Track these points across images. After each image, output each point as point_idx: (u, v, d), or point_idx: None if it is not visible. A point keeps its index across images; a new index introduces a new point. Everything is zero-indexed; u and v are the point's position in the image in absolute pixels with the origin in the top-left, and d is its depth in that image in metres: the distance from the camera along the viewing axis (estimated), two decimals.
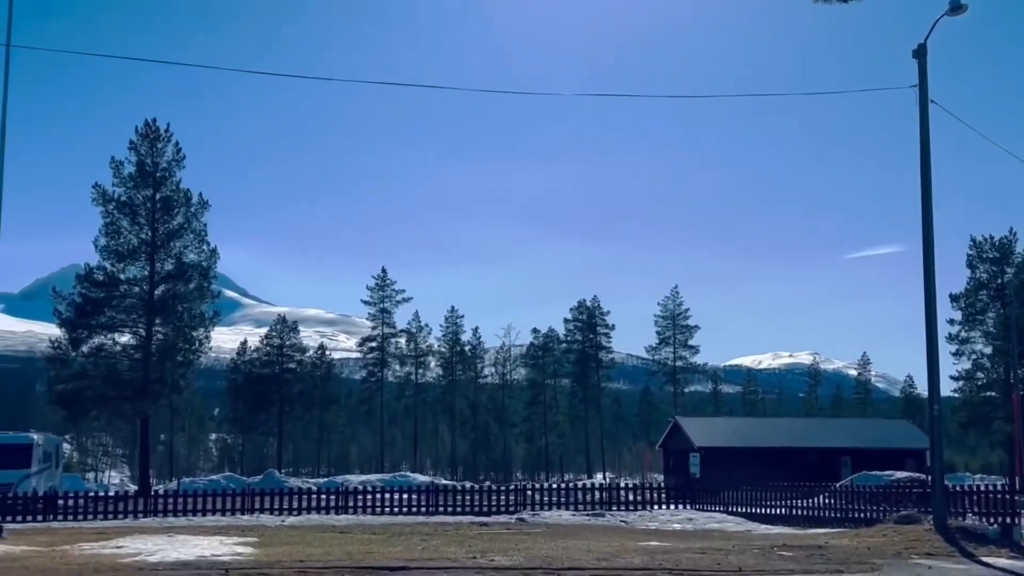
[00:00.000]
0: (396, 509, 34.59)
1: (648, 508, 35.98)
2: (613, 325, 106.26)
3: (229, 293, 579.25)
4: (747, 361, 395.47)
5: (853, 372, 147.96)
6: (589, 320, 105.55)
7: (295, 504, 34.26)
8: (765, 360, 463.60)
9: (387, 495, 35.88)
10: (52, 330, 57.77)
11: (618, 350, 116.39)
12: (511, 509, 35.00)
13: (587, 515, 32.74)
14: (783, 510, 31.98)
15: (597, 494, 37.39)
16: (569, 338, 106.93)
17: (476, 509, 34.70)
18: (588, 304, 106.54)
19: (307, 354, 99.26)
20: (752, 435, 61.11)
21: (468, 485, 42.86)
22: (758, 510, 32.93)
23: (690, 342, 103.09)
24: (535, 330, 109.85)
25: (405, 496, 35.97)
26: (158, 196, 53.57)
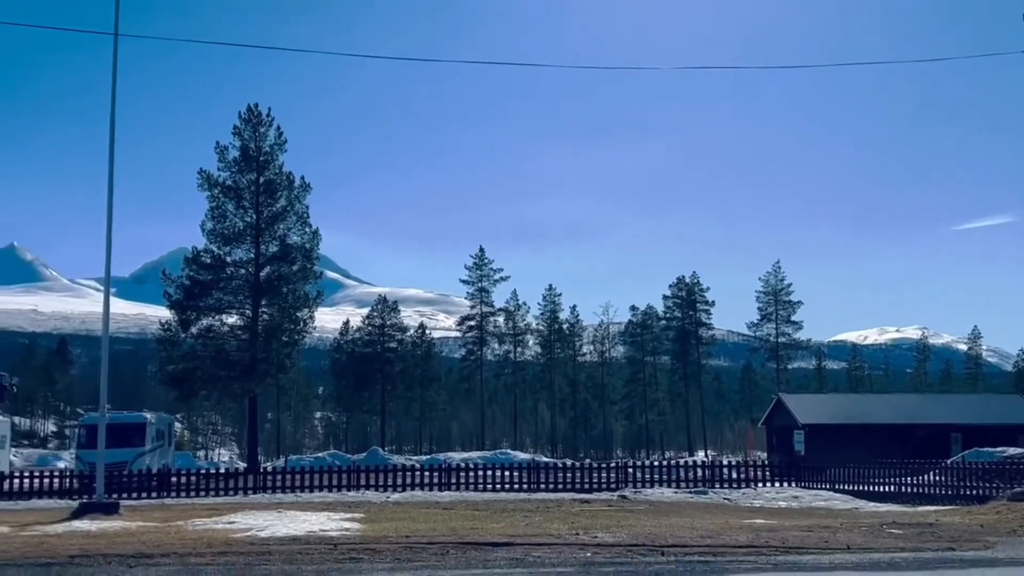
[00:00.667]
0: (498, 486, 34.82)
1: (751, 486, 35.58)
2: (713, 301, 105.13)
3: (331, 274, 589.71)
4: (852, 337, 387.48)
5: (963, 347, 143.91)
6: (688, 297, 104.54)
7: (399, 481, 34.76)
8: (871, 335, 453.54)
9: (488, 472, 36.16)
10: (162, 312, 59.47)
11: (718, 327, 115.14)
12: (612, 486, 34.97)
13: (689, 493, 32.52)
14: (892, 488, 31.30)
15: (699, 472, 37.11)
16: (668, 315, 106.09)
17: (577, 486, 34.75)
18: (687, 280, 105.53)
19: (408, 333, 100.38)
20: (858, 412, 59.88)
21: (569, 462, 42.97)
22: (866, 488, 32.29)
23: (793, 318, 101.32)
24: (633, 307, 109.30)
25: (506, 473, 36.20)
26: (261, 180, 54.57)
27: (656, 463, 39.35)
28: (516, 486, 34.90)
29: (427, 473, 36.27)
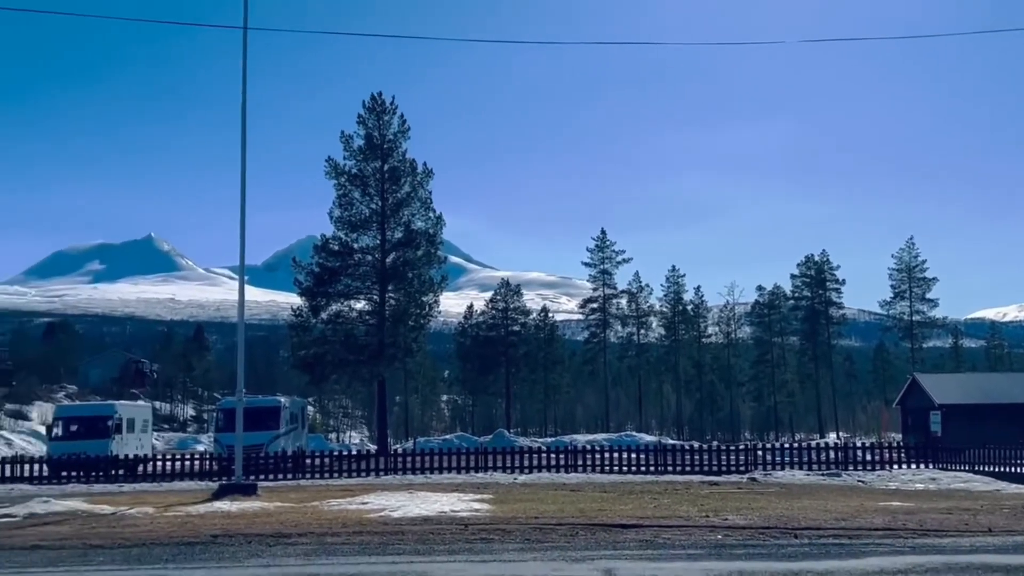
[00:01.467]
0: (624, 468, 34.75)
1: (886, 468, 34.68)
2: (843, 280, 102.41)
3: (454, 259, 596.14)
4: (990, 314, 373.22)
5: None
6: (817, 275, 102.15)
7: (526, 462, 35.00)
8: (1010, 312, 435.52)
9: (614, 454, 36.12)
10: (293, 299, 61.06)
11: (849, 306, 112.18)
12: (741, 469, 34.53)
13: (821, 475, 31.87)
14: None
15: (831, 454, 36.35)
16: (796, 294, 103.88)
17: (705, 468, 34.44)
18: (816, 259, 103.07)
19: (530, 317, 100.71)
20: (998, 391, 57.62)
21: (696, 445, 42.57)
22: (1008, 469, 31.11)
23: (927, 295, 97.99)
24: (760, 287, 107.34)
25: (632, 455, 36.09)
26: (386, 167, 55.45)
27: (786, 445, 38.66)
28: (642, 468, 34.77)
29: (553, 455, 36.39)
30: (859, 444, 39.00)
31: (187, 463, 35.92)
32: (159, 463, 36.11)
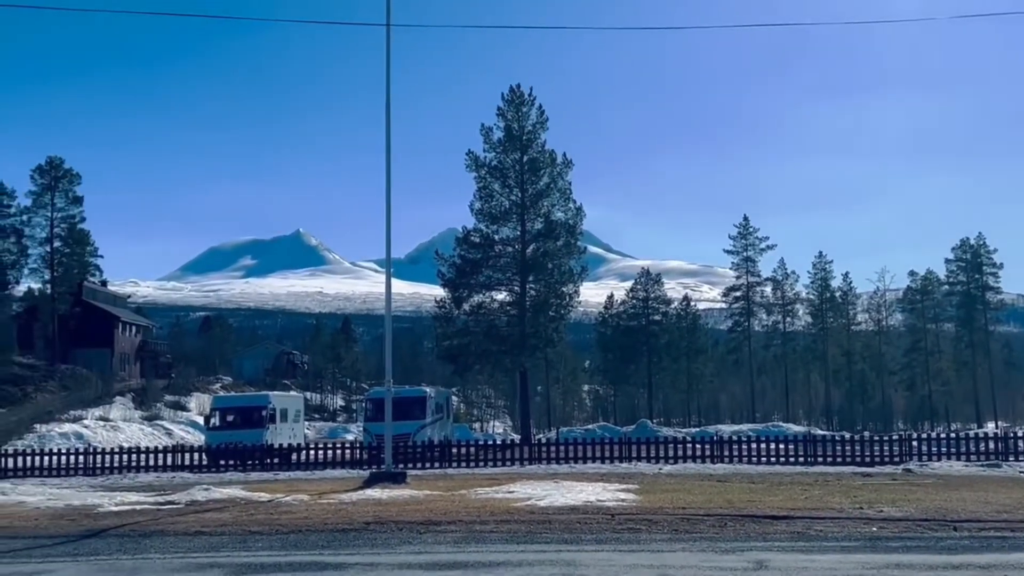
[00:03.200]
0: (772, 459, 34.10)
1: None
2: (1001, 264, 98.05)
3: (593, 249, 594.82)
4: None
5: None
6: (974, 259, 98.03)
7: (670, 453, 34.73)
8: None
9: (762, 444, 35.50)
10: (436, 291, 61.97)
11: (1008, 291, 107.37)
12: (895, 460, 33.47)
13: (981, 466, 30.62)
14: None
15: (991, 443, 34.91)
16: (951, 279, 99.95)
17: (856, 459, 33.53)
18: (972, 242, 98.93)
19: (671, 306, 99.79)
20: None
21: (846, 435, 41.51)
22: None
23: None
24: (912, 272, 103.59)
25: (780, 446, 35.38)
26: (525, 159, 55.65)
27: (942, 435, 37.29)
28: (791, 459, 34.05)
29: (698, 445, 36.01)
30: (1020, 433, 37.29)
31: (338, 452, 36.89)
32: (311, 452, 37.16)
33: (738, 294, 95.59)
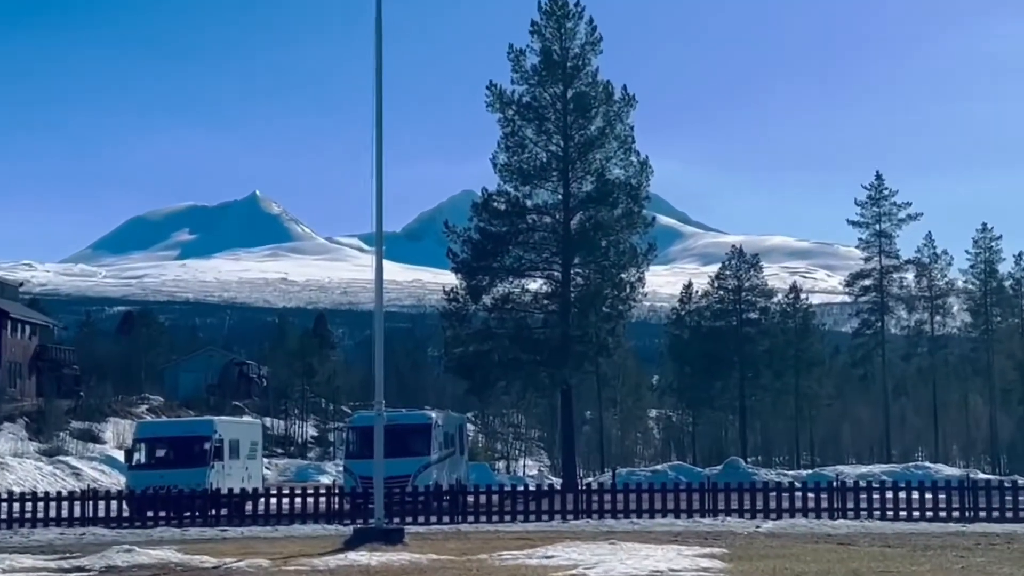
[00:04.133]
0: (914, 513, 33.93)
1: None
2: None
3: (665, 220, 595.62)
4: None
5: None
6: None
7: (771, 504, 34.58)
8: None
9: (901, 493, 35.30)
10: (445, 277, 62.06)
11: None
12: None
13: None
14: None
15: None
16: None
17: None
18: None
19: (774, 299, 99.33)
20: None
21: (1020, 480, 41.17)
22: None
23: None
24: None
25: (926, 495, 35.22)
26: (569, 93, 55.53)
27: None
28: (942, 514, 33.83)
29: (810, 494, 35.84)
30: None
31: (309, 500, 36.95)
32: (272, 500, 37.25)
33: (867, 283, 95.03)
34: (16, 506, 36.09)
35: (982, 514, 33.74)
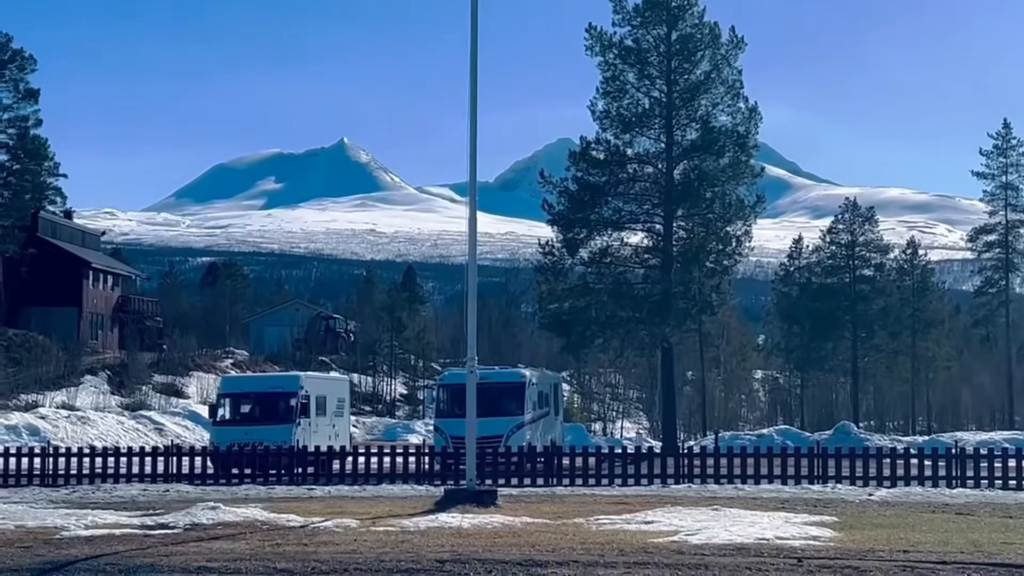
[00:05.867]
0: None
1: None
2: None
3: (774, 171, 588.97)
4: None
5: None
6: None
7: (885, 471, 34.37)
8: None
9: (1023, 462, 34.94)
10: (540, 230, 62.09)
11: None
12: None
13: None
14: None
15: None
16: None
17: None
18: None
19: (890, 255, 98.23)
20: None
21: None
22: None
23: None
24: None
25: None
26: (674, 35, 55.25)
27: None
28: None
29: (927, 461, 35.56)
30: None
31: (398, 459, 37.28)
32: (360, 458, 37.59)
33: (991, 238, 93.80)
34: (99, 461, 36.83)
35: None
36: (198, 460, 37.49)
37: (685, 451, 41.22)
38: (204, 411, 56.55)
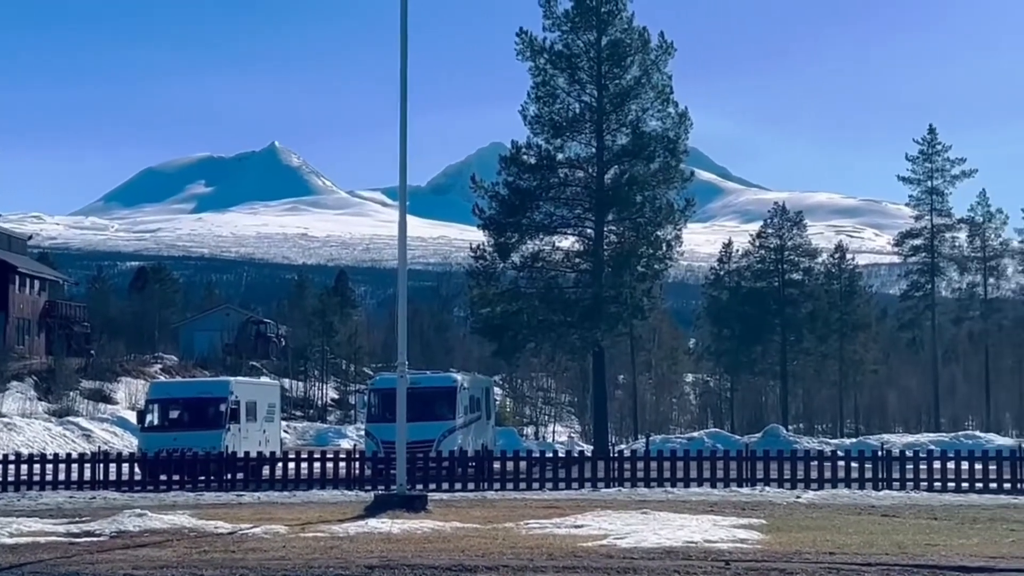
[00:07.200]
0: (963, 484, 34.01)
1: None
2: None
3: (705, 175, 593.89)
4: None
5: None
6: None
7: (813, 474, 34.72)
8: None
9: (949, 464, 35.36)
10: (472, 234, 62.07)
11: None
12: None
13: None
14: None
15: None
16: None
17: None
18: None
19: (819, 260, 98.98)
20: None
21: None
22: None
23: None
24: None
25: (976, 466, 35.23)
26: (604, 41, 55.32)
27: None
28: (992, 485, 33.88)
29: (854, 464, 35.93)
30: None
31: (328, 465, 37.17)
32: (291, 464, 37.51)
33: (918, 242, 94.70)
34: (24, 468, 36.47)
35: None
36: (126, 467, 37.26)
37: (616, 454, 41.42)
38: (133, 417, 56.08)
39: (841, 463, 36.21)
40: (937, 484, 34.03)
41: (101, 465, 37.02)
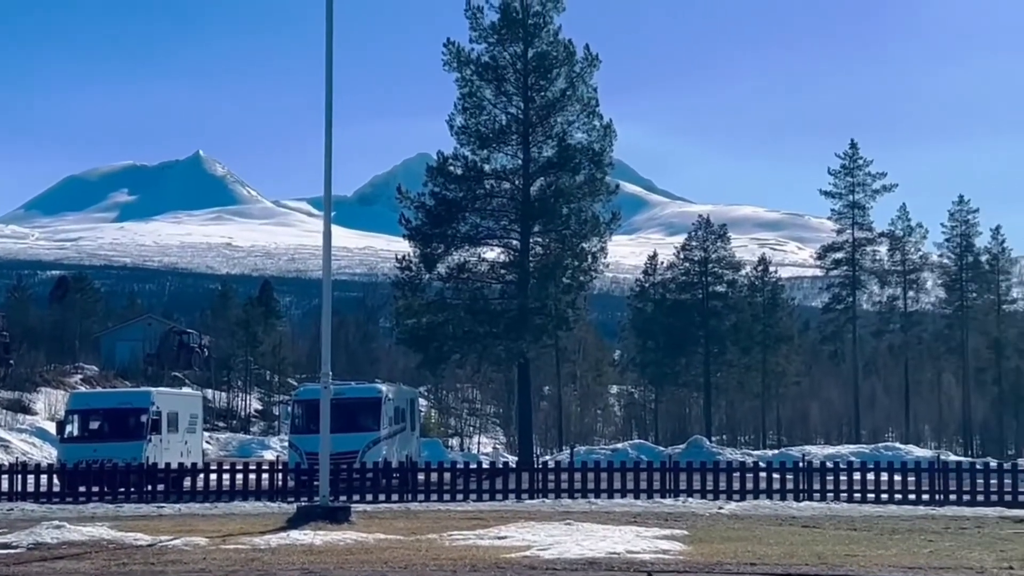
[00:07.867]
0: (883, 495, 34.41)
1: None
2: None
3: (630, 188, 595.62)
4: None
5: None
6: None
7: (735, 485, 34.95)
8: None
9: (869, 475, 35.73)
10: (398, 245, 61.90)
11: None
12: None
13: None
14: None
15: None
16: None
17: (1006, 498, 33.69)
18: None
19: (742, 272, 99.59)
20: None
21: (992, 462, 41.70)
22: None
23: None
24: None
25: (895, 477, 35.64)
26: (530, 53, 55.45)
27: None
28: (911, 496, 34.31)
29: (775, 475, 36.22)
30: None
31: (251, 476, 36.96)
32: (212, 475, 37.25)
33: (839, 255, 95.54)
34: None
35: (952, 497, 34.09)
36: (44, 478, 36.84)
37: (540, 466, 41.51)
38: (52, 428, 55.46)
39: (763, 474, 36.50)
40: (857, 495, 34.37)
41: (19, 476, 36.63)
